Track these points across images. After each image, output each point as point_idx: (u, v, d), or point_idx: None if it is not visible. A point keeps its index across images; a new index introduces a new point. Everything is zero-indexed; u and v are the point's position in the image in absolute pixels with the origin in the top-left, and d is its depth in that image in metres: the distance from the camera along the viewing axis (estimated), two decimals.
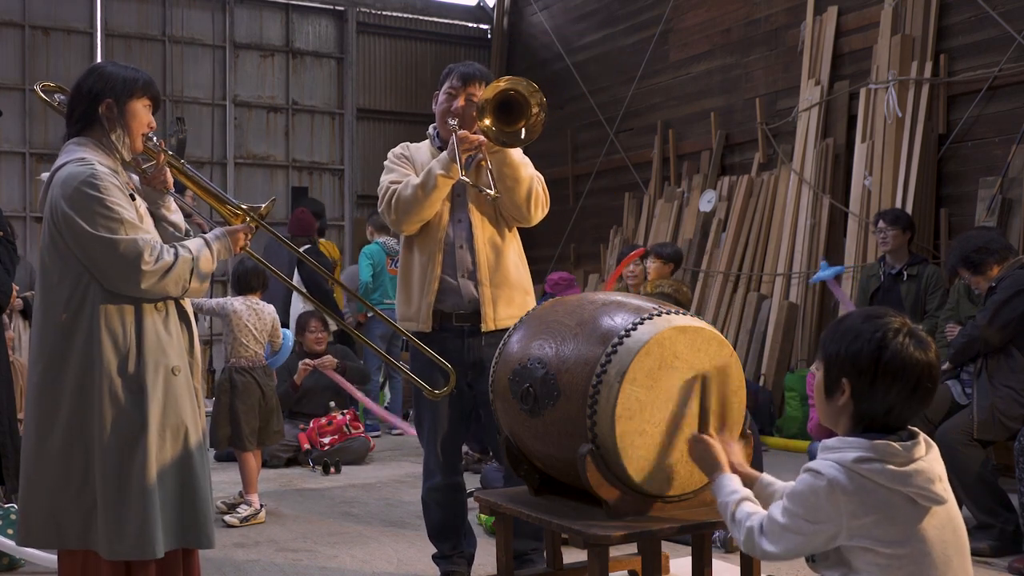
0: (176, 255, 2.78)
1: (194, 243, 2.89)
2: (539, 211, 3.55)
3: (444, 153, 3.46)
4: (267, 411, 5.16)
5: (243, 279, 5.29)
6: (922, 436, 2.00)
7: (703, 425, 2.68)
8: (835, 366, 2.00)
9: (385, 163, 3.69)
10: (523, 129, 3.33)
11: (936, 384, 2.00)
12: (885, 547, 1.91)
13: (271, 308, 5.36)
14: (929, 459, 1.96)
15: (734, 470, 2.37)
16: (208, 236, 2.94)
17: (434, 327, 3.55)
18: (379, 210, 3.63)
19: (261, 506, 5.01)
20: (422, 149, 3.66)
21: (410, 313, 3.58)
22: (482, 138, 3.38)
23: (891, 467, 1.91)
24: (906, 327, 1.98)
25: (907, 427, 2.02)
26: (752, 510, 2.13)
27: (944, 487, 1.96)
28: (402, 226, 3.55)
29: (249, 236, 3.03)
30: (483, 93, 3.35)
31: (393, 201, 3.52)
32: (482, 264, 3.52)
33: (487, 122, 3.31)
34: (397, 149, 3.73)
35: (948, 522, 1.96)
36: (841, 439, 1.99)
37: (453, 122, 3.45)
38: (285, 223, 9.09)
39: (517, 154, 3.48)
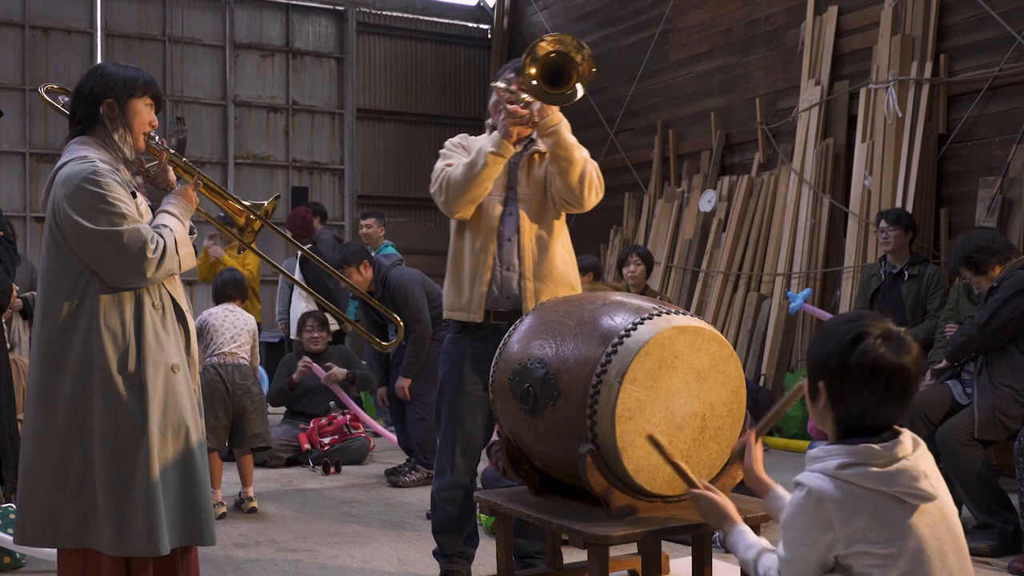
0: (162, 236, 2.80)
1: (161, 218, 2.89)
2: (593, 195, 3.51)
3: (495, 132, 3.45)
4: (238, 412, 5.14)
5: (220, 290, 5.45)
6: (907, 434, 1.99)
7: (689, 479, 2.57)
8: (813, 369, 2.02)
9: (440, 151, 3.68)
10: (578, 84, 3.28)
11: (909, 387, 1.97)
12: (880, 547, 1.91)
13: (251, 318, 5.45)
14: (914, 457, 1.96)
15: (753, 483, 2.35)
16: (165, 207, 2.94)
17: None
18: (431, 192, 3.61)
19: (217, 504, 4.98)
20: (479, 139, 3.64)
21: (460, 303, 3.57)
22: (528, 112, 3.35)
23: (873, 469, 1.92)
24: (883, 330, 1.97)
25: (891, 427, 2.01)
26: (770, 563, 2.11)
27: (932, 483, 1.95)
28: (452, 207, 3.53)
29: (199, 188, 3.03)
30: (535, 47, 3.25)
31: (444, 183, 3.52)
32: (527, 258, 3.52)
33: (532, 74, 3.24)
34: (455, 138, 3.72)
35: (941, 519, 1.96)
36: (823, 448, 2.01)
37: (513, 89, 3.42)
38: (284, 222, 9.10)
39: (570, 136, 3.46)
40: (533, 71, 3.24)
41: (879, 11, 7.42)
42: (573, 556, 3.55)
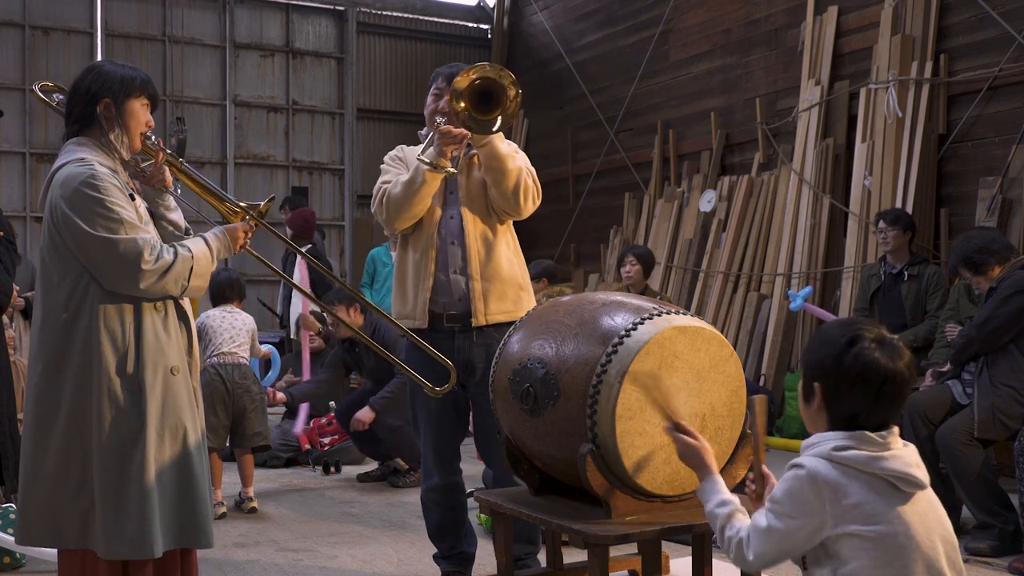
0: (175, 254, 2.78)
1: (194, 242, 2.89)
2: (529, 203, 3.53)
3: (431, 149, 3.47)
4: (238, 411, 5.16)
5: (217, 290, 5.43)
6: (896, 434, 2.04)
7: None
8: (808, 371, 2.08)
9: (381, 166, 3.72)
10: (499, 116, 3.33)
11: (902, 391, 2.03)
12: (869, 530, 1.93)
13: (249, 318, 5.47)
14: (905, 450, 2.01)
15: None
16: (207, 235, 2.94)
17: (428, 326, 3.56)
18: (372, 210, 3.66)
19: (217, 504, 5.00)
20: (417, 151, 3.67)
21: (406, 310, 3.60)
22: (464, 131, 3.39)
23: (867, 452, 1.96)
24: (877, 335, 2.03)
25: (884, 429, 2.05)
26: (744, 522, 2.13)
27: (923, 473, 1.99)
28: (393, 224, 3.57)
29: (249, 234, 3.04)
30: (455, 83, 3.32)
31: (384, 200, 3.56)
32: (473, 259, 3.52)
33: (462, 108, 3.30)
34: (392, 152, 3.77)
35: (931, 510, 1.99)
36: (819, 435, 2.05)
37: (440, 119, 3.47)
38: (282, 223, 9.10)
39: (504, 146, 3.48)
40: (462, 105, 3.30)
41: (879, 11, 7.42)
42: (573, 556, 3.55)
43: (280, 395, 5.96)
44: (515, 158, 3.50)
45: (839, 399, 2.02)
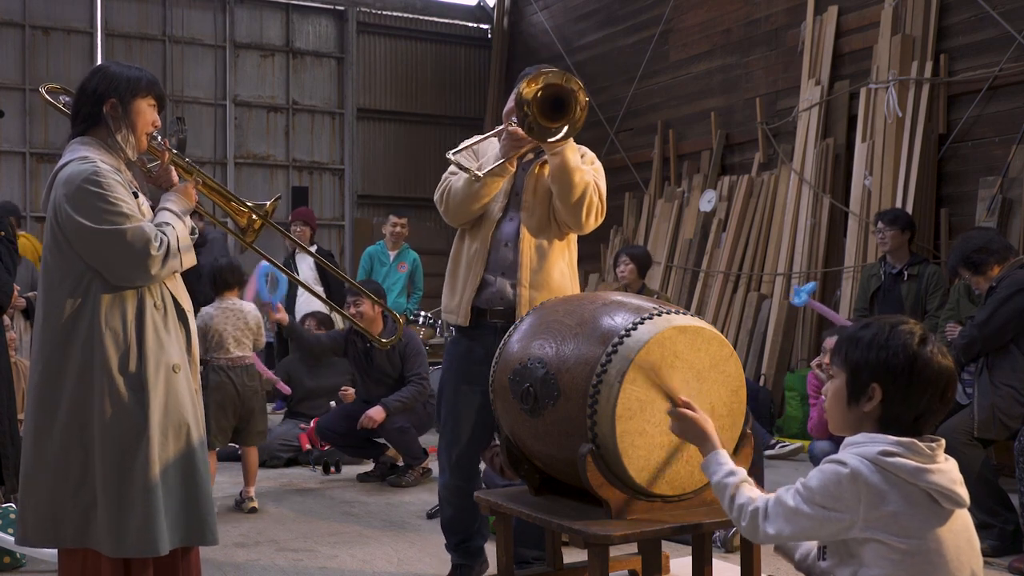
0: (165, 235, 2.80)
1: (162, 216, 2.88)
2: (592, 219, 3.50)
3: (498, 150, 3.43)
4: (246, 411, 5.16)
5: (219, 277, 5.23)
6: (943, 446, 2.01)
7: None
8: (864, 372, 1.99)
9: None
10: (566, 125, 3.26)
11: (954, 394, 2.03)
12: (900, 542, 1.90)
13: (252, 308, 5.35)
14: (948, 464, 1.98)
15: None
16: (167, 205, 2.93)
17: (471, 322, 3.54)
18: (435, 199, 3.60)
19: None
20: (493, 144, 3.58)
21: (452, 305, 3.58)
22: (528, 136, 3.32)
23: (914, 462, 1.92)
24: (930, 335, 2.01)
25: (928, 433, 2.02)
26: (754, 493, 2.11)
27: (964, 491, 1.95)
28: (450, 218, 3.55)
29: (198, 188, 3.02)
30: (521, 92, 3.25)
31: (445, 193, 3.53)
32: (524, 265, 3.49)
33: (526, 113, 3.23)
34: (466, 142, 3.68)
35: (964, 530, 1.96)
36: (866, 435, 1.98)
37: (515, 120, 3.40)
38: (286, 222, 9.12)
39: (575, 157, 3.42)
40: (527, 111, 3.23)
41: (879, 11, 7.43)
42: (573, 556, 3.55)
43: (283, 314, 5.88)
44: (584, 172, 3.43)
45: (907, 401, 1.97)
